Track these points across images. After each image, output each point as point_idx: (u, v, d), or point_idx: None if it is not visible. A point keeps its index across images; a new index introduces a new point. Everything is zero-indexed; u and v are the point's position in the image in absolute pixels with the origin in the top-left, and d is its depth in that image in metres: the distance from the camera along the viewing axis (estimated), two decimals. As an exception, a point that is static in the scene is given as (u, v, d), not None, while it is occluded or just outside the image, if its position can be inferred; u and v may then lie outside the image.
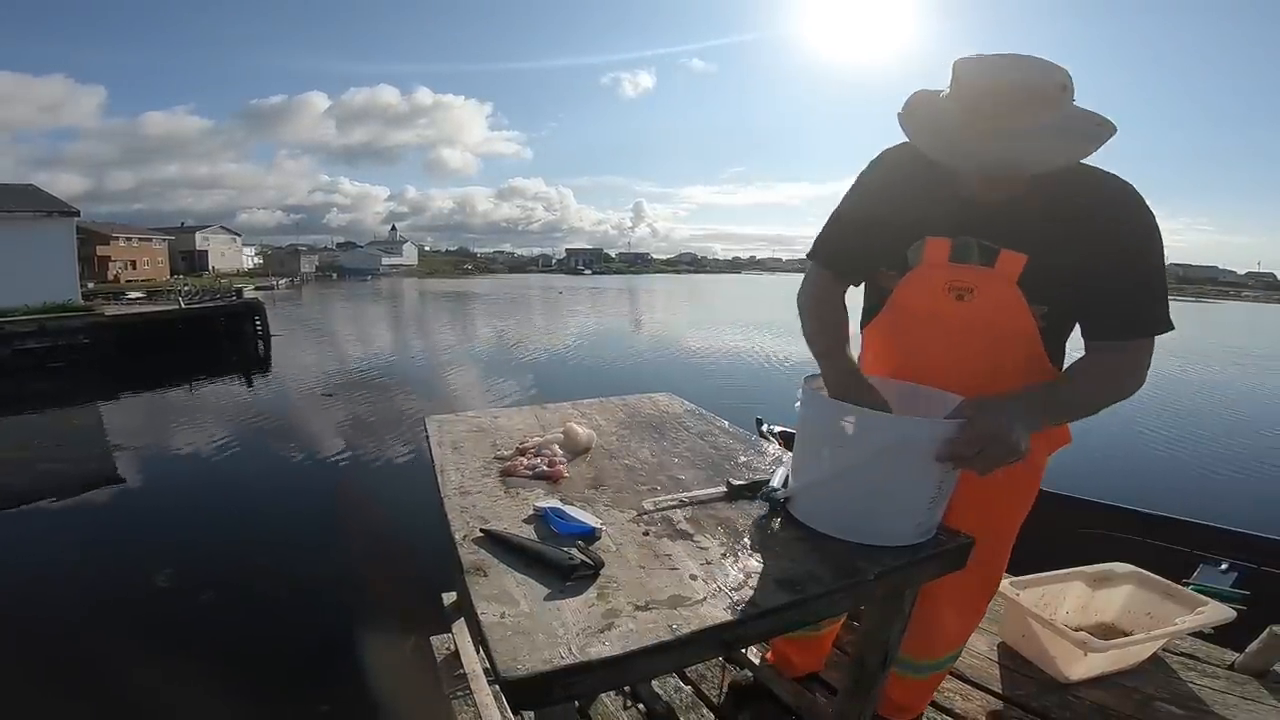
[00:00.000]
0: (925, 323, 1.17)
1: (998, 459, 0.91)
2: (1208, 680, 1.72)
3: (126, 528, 5.43)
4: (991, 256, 1.08)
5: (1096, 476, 6.20)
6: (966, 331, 1.12)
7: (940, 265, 1.12)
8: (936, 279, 1.13)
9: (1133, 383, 1.03)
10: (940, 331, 1.15)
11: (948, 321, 1.14)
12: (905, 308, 1.20)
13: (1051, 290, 1.06)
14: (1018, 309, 1.07)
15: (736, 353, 15.59)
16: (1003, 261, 1.07)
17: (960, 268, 1.11)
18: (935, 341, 1.16)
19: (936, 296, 1.14)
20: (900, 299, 1.20)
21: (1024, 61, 0.94)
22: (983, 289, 1.09)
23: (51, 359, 13.35)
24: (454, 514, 1.05)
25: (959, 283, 1.11)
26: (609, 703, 1.67)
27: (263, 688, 3.22)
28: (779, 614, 0.82)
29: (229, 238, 67.17)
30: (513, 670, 0.67)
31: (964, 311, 1.11)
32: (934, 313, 1.15)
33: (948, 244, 1.11)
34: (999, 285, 1.08)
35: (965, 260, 1.10)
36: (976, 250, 1.09)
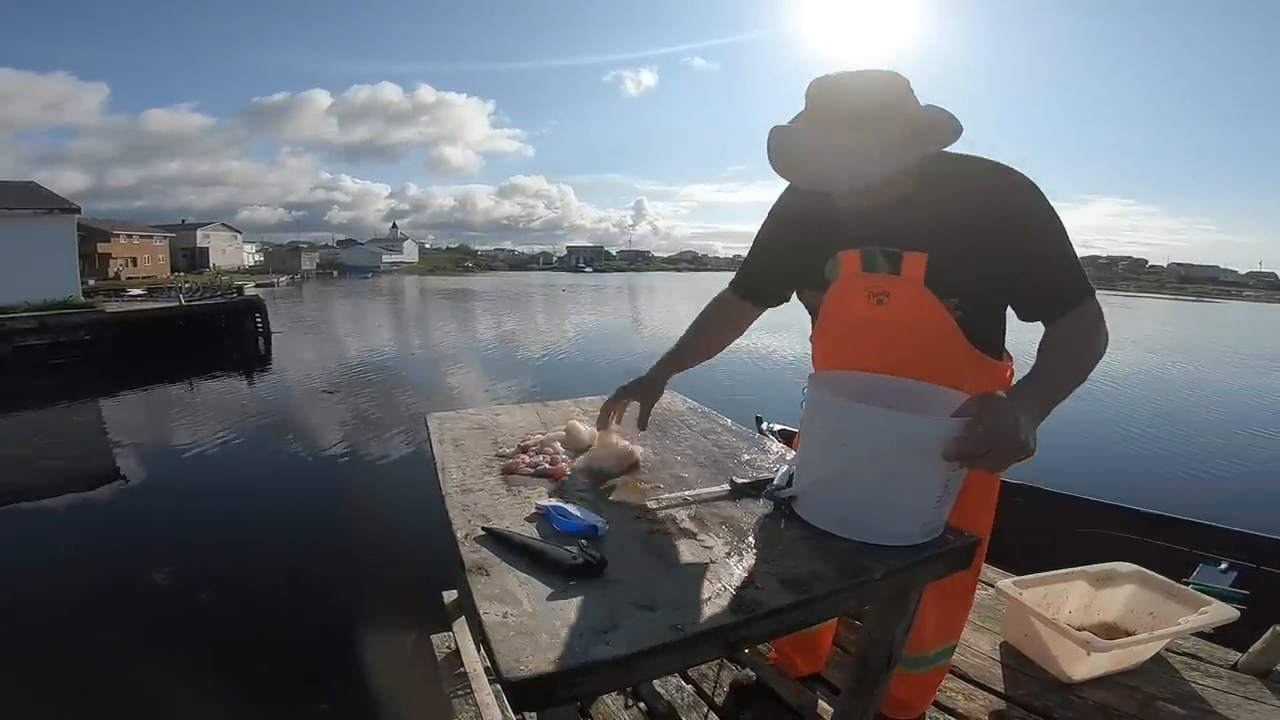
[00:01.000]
0: (854, 329, 1.25)
1: (1007, 457, 0.90)
2: (1210, 680, 1.71)
3: (126, 525, 5.43)
4: (896, 262, 1.15)
5: (1096, 476, 6.21)
6: (891, 332, 1.19)
7: (855, 275, 1.20)
8: (855, 288, 1.21)
9: (1100, 342, 1.07)
10: (869, 334, 1.22)
11: (874, 324, 1.20)
12: (835, 317, 1.28)
13: (957, 283, 1.12)
14: (930, 306, 1.14)
15: (735, 351, 15.60)
16: (906, 264, 1.14)
17: (873, 276, 1.18)
18: (868, 345, 1.21)
19: (858, 303, 1.21)
20: (828, 311, 1.28)
21: (850, 80, 1.03)
22: (896, 292, 1.16)
23: (52, 356, 13.35)
24: (455, 512, 1.04)
25: (875, 288, 1.18)
26: (610, 702, 1.66)
27: (262, 685, 3.22)
28: (784, 614, 0.82)
29: (230, 235, 67.17)
30: (515, 671, 0.67)
31: (885, 314, 1.18)
32: (859, 319, 1.22)
33: (857, 254, 1.19)
34: (909, 287, 1.14)
35: (874, 269, 1.18)
36: (881, 258, 1.16)
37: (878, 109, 1.00)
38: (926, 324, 1.15)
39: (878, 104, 1.00)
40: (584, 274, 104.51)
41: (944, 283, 1.12)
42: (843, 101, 1.02)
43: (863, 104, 1.00)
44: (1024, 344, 1.23)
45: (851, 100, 1.01)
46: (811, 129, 1.05)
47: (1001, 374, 1.25)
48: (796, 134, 1.08)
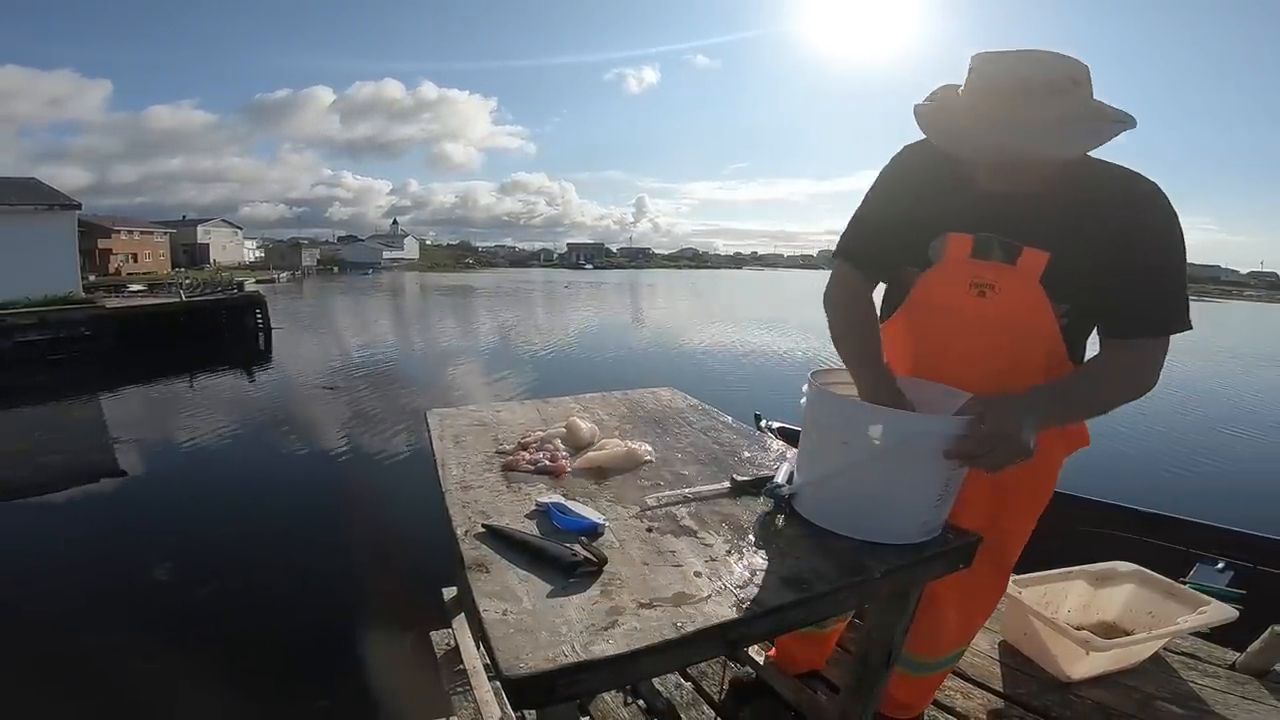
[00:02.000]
0: (946, 319, 1.15)
1: (1007, 458, 0.90)
2: (1208, 680, 1.71)
3: (127, 520, 5.44)
4: (1014, 253, 1.06)
5: (1094, 475, 6.20)
6: (987, 328, 1.11)
7: (962, 261, 1.11)
8: (958, 275, 1.12)
9: (1145, 382, 1.03)
10: (961, 328, 1.14)
11: (968, 318, 1.12)
12: (926, 304, 1.18)
13: (1073, 289, 1.04)
14: (1039, 306, 1.06)
15: (735, 348, 15.59)
16: (1025, 259, 1.05)
17: (982, 264, 1.09)
18: (956, 338, 1.14)
19: (958, 292, 1.12)
20: (921, 295, 1.18)
21: (1036, 55, 0.94)
22: (1004, 286, 1.08)
23: (53, 351, 13.36)
24: (455, 509, 1.04)
25: (980, 279, 1.10)
26: (609, 699, 1.66)
27: (262, 681, 3.22)
28: (784, 612, 0.82)
29: (231, 231, 67.11)
30: (515, 669, 0.67)
31: (985, 308, 1.10)
32: (955, 309, 1.13)
33: (969, 240, 1.10)
34: (1020, 282, 1.06)
35: (987, 257, 1.09)
36: (998, 247, 1.08)
37: (1074, 83, 0.92)
38: (1029, 325, 1.08)
39: (1070, 79, 0.92)
40: (584, 271, 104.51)
41: (1060, 286, 1.04)
42: (1035, 72, 0.93)
43: (1056, 77, 0.92)
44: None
45: (1043, 72, 0.92)
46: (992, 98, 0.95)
47: None
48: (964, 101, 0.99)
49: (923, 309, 1.19)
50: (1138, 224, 0.99)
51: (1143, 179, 1.01)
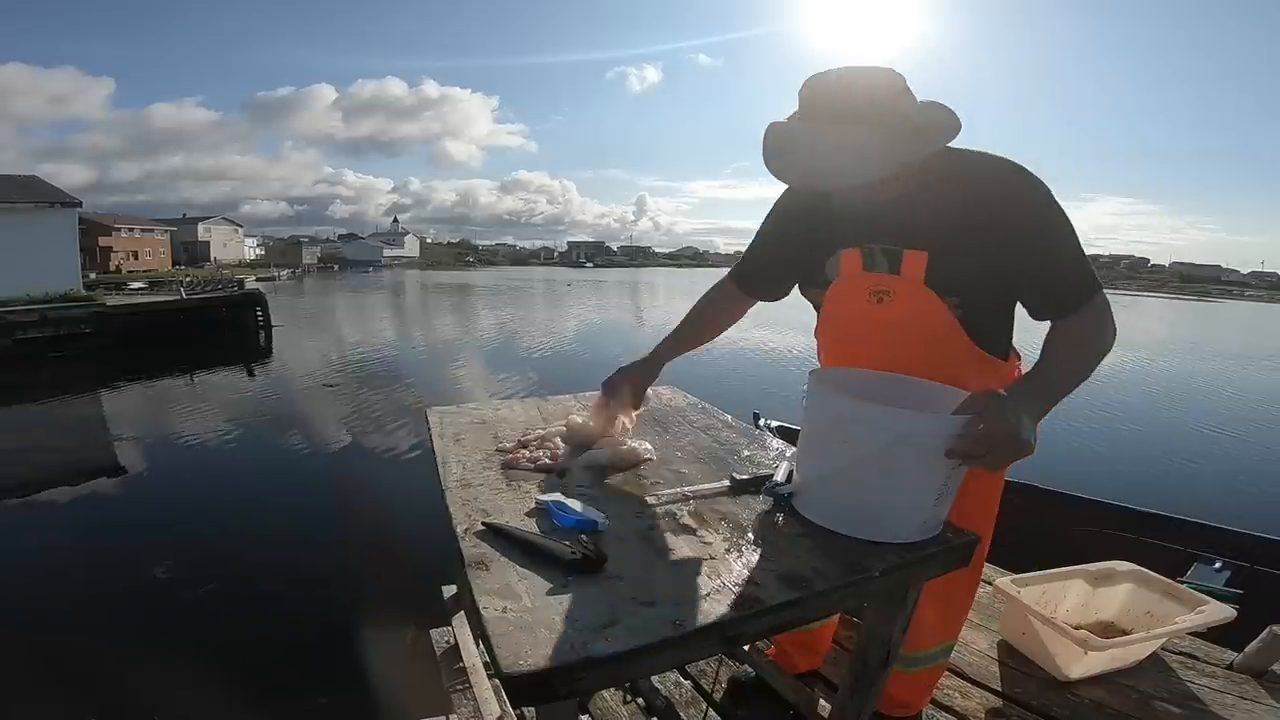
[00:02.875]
0: (854, 327, 1.24)
1: (1007, 456, 0.90)
2: (1206, 680, 1.72)
3: (126, 518, 5.45)
4: (896, 261, 1.13)
5: (1092, 475, 6.21)
6: (893, 331, 1.17)
7: (856, 275, 1.19)
8: (856, 288, 1.20)
9: (1106, 341, 1.06)
10: (871, 334, 1.20)
11: (874, 324, 1.19)
12: (835, 316, 1.27)
13: (957, 281, 1.11)
14: (931, 305, 1.13)
15: (734, 347, 15.59)
16: (907, 263, 1.12)
17: (874, 275, 1.17)
18: (870, 344, 1.20)
19: (860, 302, 1.20)
20: (829, 310, 1.27)
21: (845, 76, 1.02)
22: (897, 291, 1.15)
23: (53, 349, 13.38)
24: (455, 506, 1.04)
25: (877, 287, 1.17)
26: (608, 697, 1.67)
27: (262, 679, 3.23)
28: (783, 610, 0.82)
29: (231, 229, 67.15)
30: (515, 666, 0.67)
31: (885, 314, 1.17)
32: (860, 318, 1.21)
33: (858, 254, 1.18)
34: (909, 286, 1.13)
35: (874, 268, 1.16)
36: (882, 256, 1.15)
37: (872, 106, 0.99)
38: (927, 323, 1.14)
39: (872, 101, 0.99)
40: (584, 269, 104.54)
41: (945, 281, 1.11)
42: (837, 99, 1.00)
43: (858, 101, 0.99)
44: (1033, 342, 1.21)
45: (846, 97, 1.00)
46: (806, 127, 1.04)
47: (1006, 373, 1.23)
48: (791, 132, 1.07)
49: (834, 322, 1.29)
50: (1013, 208, 1.04)
51: (1003, 162, 1.07)
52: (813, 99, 1.03)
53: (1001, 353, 1.22)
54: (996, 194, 1.05)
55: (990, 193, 1.05)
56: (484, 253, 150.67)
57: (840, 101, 1.00)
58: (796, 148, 1.05)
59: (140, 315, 15.58)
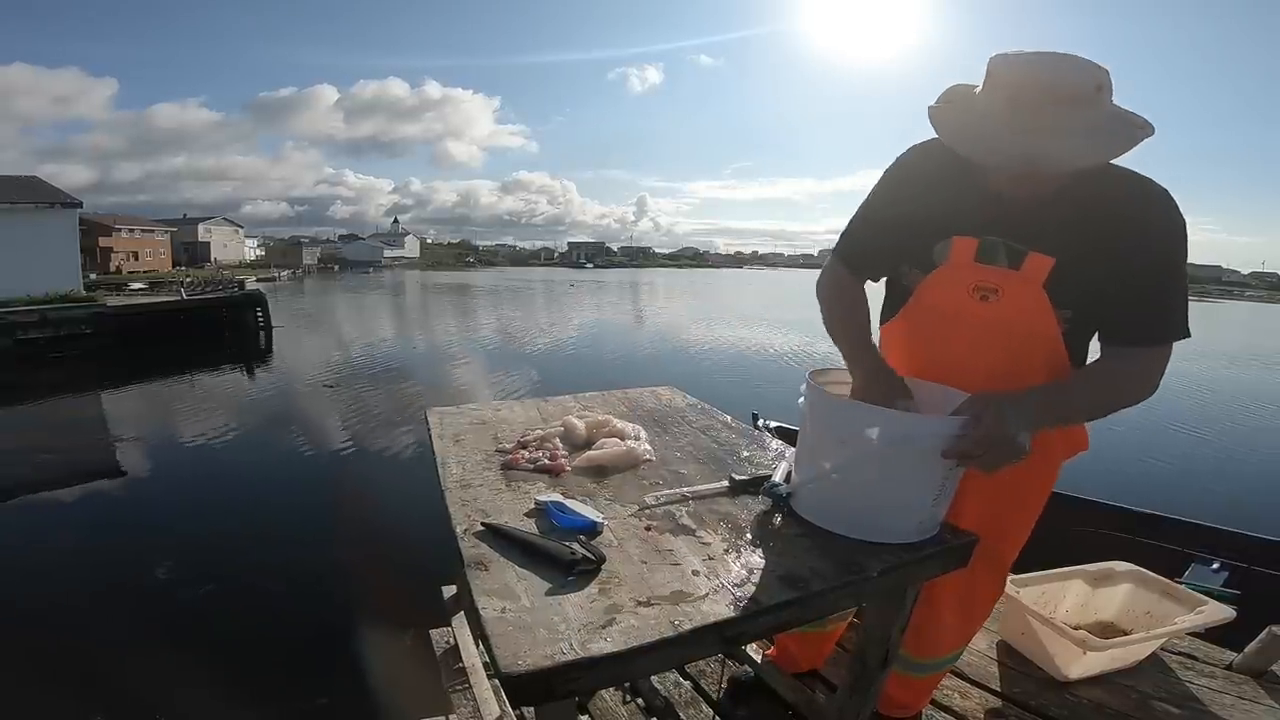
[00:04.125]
0: (948, 322, 1.16)
1: (1003, 459, 0.90)
2: (1205, 680, 1.72)
3: (126, 519, 5.44)
4: (1019, 258, 1.06)
5: (1090, 476, 6.20)
6: (989, 332, 1.11)
7: (966, 265, 1.11)
8: (962, 279, 1.12)
9: (1143, 390, 1.02)
10: (962, 331, 1.14)
11: (971, 322, 1.12)
12: (928, 306, 1.18)
13: (1077, 295, 1.04)
14: (1042, 312, 1.06)
15: (734, 348, 15.59)
16: (1029, 264, 1.05)
17: (986, 268, 1.09)
18: (957, 341, 1.15)
19: (961, 296, 1.12)
20: (924, 298, 1.18)
21: (1059, 60, 0.93)
22: (1008, 291, 1.08)
23: (54, 349, 13.37)
24: (455, 507, 1.04)
25: (984, 283, 1.10)
26: (608, 698, 1.67)
27: (262, 679, 3.23)
28: (781, 610, 0.82)
29: (231, 229, 67.17)
30: (514, 666, 0.67)
31: (987, 312, 1.10)
32: (957, 312, 1.13)
33: (974, 243, 1.10)
34: (1024, 287, 1.06)
35: (991, 261, 1.09)
36: (1004, 251, 1.07)
37: (1094, 91, 0.91)
38: (1032, 330, 1.08)
39: (1095, 85, 0.91)
40: (584, 270, 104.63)
41: (1064, 292, 1.04)
42: (1060, 79, 0.91)
43: (1082, 84, 0.91)
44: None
45: (1069, 80, 0.91)
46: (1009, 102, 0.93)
47: None
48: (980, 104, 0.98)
49: (924, 311, 1.19)
50: (1146, 231, 0.99)
51: (1152, 184, 1.01)
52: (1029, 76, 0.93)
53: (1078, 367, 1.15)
54: (1137, 212, 0.99)
55: (1131, 209, 0.99)
56: (484, 253, 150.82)
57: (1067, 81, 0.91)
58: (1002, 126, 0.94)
59: (141, 316, 15.57)
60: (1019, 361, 1.09)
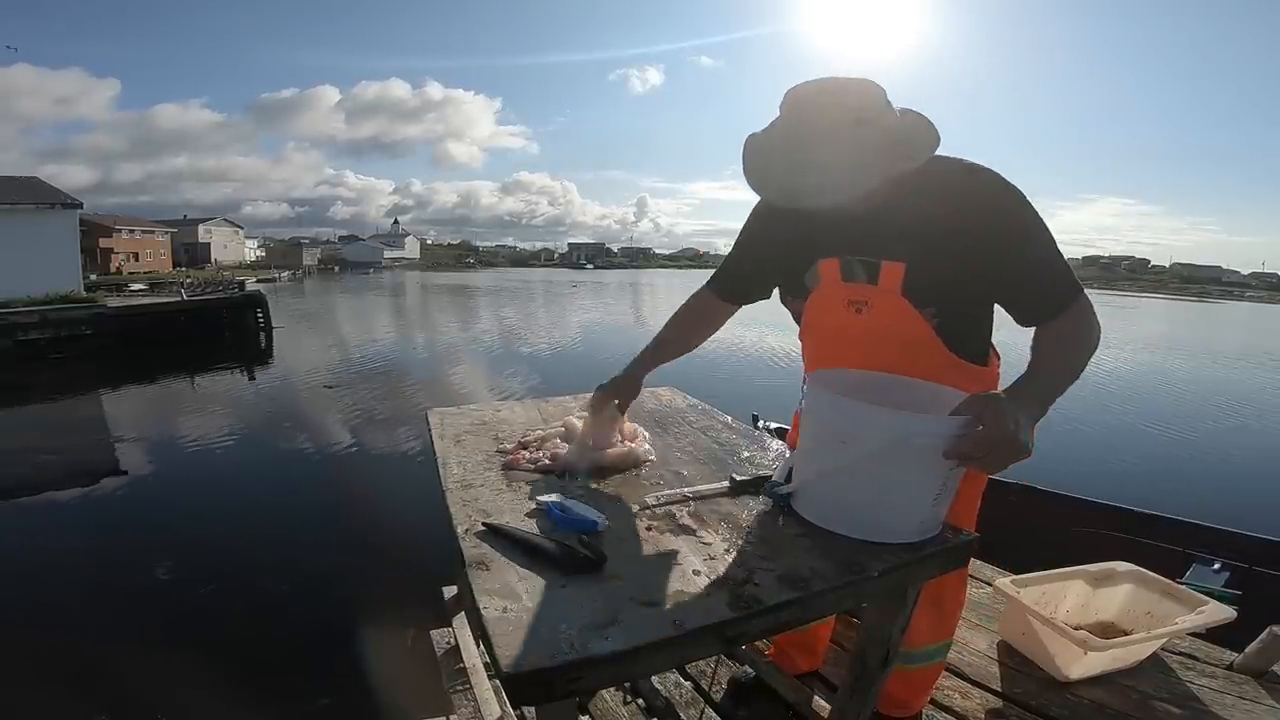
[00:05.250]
0: (833, 336, 1.25)
1: (1006, 459, 0.90)
2: (1206, 680, 1.72)
3: (127, 519, 5.45)
4: (874, 272, 1.14)
5: (1091, 476, 6.21)
6: (870, 341, 1.18)
7: (835, 285, 1.20)
8: (835, 297, 1.20)
9: (1093, 335, 1.07)
10: (851, 344, 1.21)
11: (853, 334, 1.20)
12: (815, 325, 1.28)
13: (934, 292, 1.11)
14: (907, 315, 1.13)
15: (733, 349, 15.59)
16: (884, 274, 1.13)
17: (851, 285, 1.18)
18: (849, 353, 1.21)
19: (838, 312, 1.21)
20: (809, 318, 1.28)
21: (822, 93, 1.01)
22: (874, 302, 1.16)
23: (54, 350, 13.39)
24: (456, 507, 1.04)
25: (855, 297, 1.18)
26: (608, 698, 1.67)
27: (262, 680, 3.23)
28: (782, 610, 0.82)
29: (232, 230, 67.22)
30: (515, 666, 0.67)
31: (863, 323, 1.18)
32: (839, 327, 1.22)
33: (836, 264, 1.18)
34: (886, 298, 1.14)
35: (853, 279, 1.17)
36: (860, 267, 1.15)
37: (853, 125, 0.98)
38: (904, 333, 1.15)
39: (853, 119, 0.99)
40: (585, 270, 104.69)
41: (921, 292, 1.11)
42: (818, 115, 1.00)
43: (838, 119, 0.99)
44: (1017, 341, 1.22)
45: (827, 115, 0.99)
46: (786, 142, 1.04)
47: (985, 377, 1.24)
48: (771, 146, 1.07)
49: (814, 331, 1.30)
50: (991, 217, 1.04)
51: (982, 171, 1.07)
52: (793, 114, 1.03)
53: (980, 358, 1.23)
54: (974, 202, 1.05)
55: (968, 201, 1.05)
56: (484, 254, 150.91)
57: (821, 119, 1.00)
58: (776, 163, 1.05)
59: (141, 317, 15.59)
60: (905, 362, 1.15)
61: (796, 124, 1.02)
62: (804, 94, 1.03)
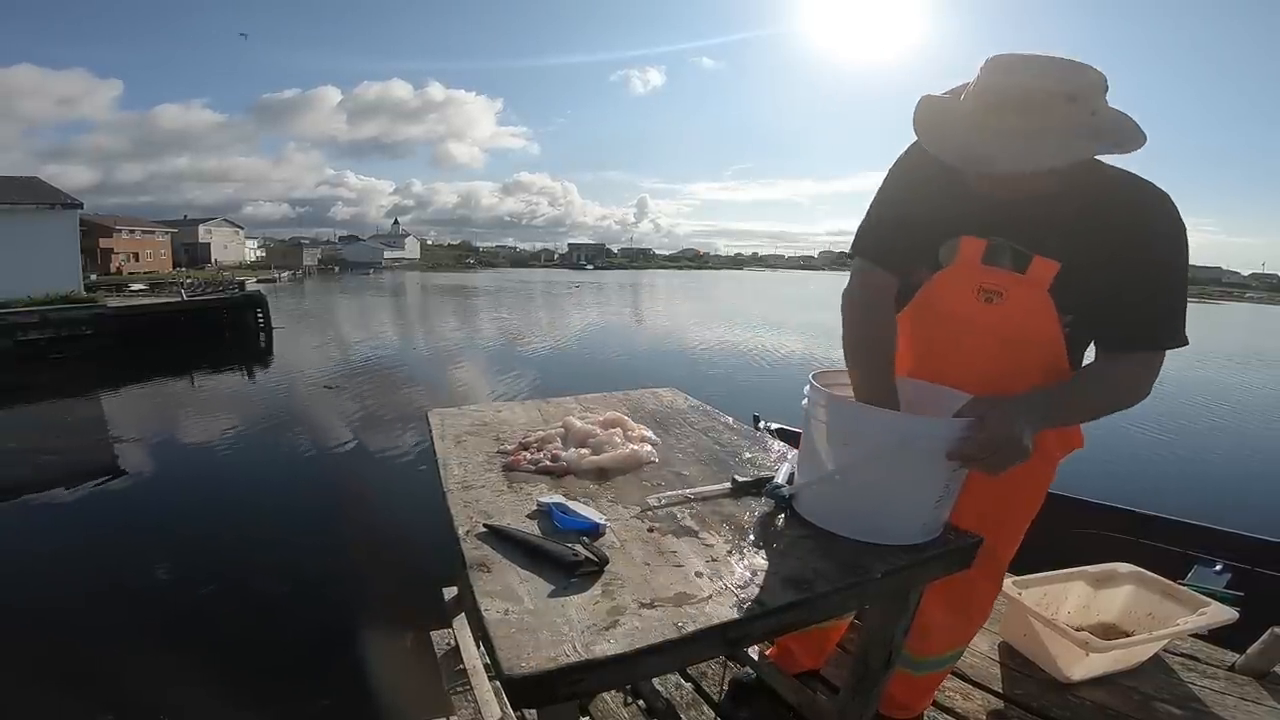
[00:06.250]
0: (950, 323, 1.16)
1: (1007, 461, 0.90)
2: (1208, 681, 1.72)
3: (127, 520, 5.44)
4: (1024, 261, 1.06)
5: (1092, 477, 6.20)
6: (991, 334, 1.11)
7: (973, 266, 1.11)
8: (967, 280, 1.12)
9: (1140, 392, 1.03)
10: (964, 333, 1.14)
11: (973, 323, 1.12)
12: (931, 306, 1.18)
13: (1080, 299, 1.04)
14: (1046, 316, 1.06)
15: (734, 349, 15.59)
16: (1035, 267, 1.05)
17: (992, 270, 1.09)
18: (958, 342, 1.15)
19: (965, 297, 1.12)
20: (927, 297, 1.18)
21: (1040, 64, 0.92)
22: (1013, 293, 1.08)
23: (54, 350, 13.38)
24: (457, 508, 1.04)
25: (989, 285, 1.10)
26: (609, 699, 1.67)
27: (263, 681, 3.23)
28: (785, 612, 0.82)
29: (232, 230, 67.19)
30: (516, 668, 0.67)
31: (991, 314, 1.10)
32: (960, 314, 1.14)
33: (982, 245, 1.09)
34: (1029, 291, 1.06)
35: (998, 263, 1.09)
36: (1010, 254, 1.07)
37: (1064, 99, 0.91)
38: (1033, 333, 1.08)
39: (1065, 93, 0.91)
40: (584, 271, 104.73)
41: (1066, 296, 1.04)
42: (1032, 83, 0.92)
43: (1053, 90, 0.91)
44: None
45: (1042, 84, 0.91)
46: (979, 105, 0.96)
47: None
48: (957, 108, 1.00)
49: (928, 311, 1.19)
50: (1146, 235, 0.99)
51: (1151, 186, 1.01)
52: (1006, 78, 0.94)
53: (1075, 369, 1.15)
54: (1139, 216, 0.99)
55: (1133, 214, 0.99)
56: (484, 255, 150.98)
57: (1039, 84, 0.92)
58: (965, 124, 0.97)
59: (141, 317, 15.58)
60: (1019, 364, 1.10)
61: (1005, 89, 0.94)
62: (1016, 62, 0.95)
